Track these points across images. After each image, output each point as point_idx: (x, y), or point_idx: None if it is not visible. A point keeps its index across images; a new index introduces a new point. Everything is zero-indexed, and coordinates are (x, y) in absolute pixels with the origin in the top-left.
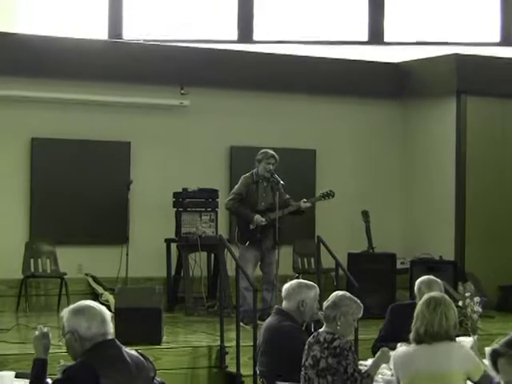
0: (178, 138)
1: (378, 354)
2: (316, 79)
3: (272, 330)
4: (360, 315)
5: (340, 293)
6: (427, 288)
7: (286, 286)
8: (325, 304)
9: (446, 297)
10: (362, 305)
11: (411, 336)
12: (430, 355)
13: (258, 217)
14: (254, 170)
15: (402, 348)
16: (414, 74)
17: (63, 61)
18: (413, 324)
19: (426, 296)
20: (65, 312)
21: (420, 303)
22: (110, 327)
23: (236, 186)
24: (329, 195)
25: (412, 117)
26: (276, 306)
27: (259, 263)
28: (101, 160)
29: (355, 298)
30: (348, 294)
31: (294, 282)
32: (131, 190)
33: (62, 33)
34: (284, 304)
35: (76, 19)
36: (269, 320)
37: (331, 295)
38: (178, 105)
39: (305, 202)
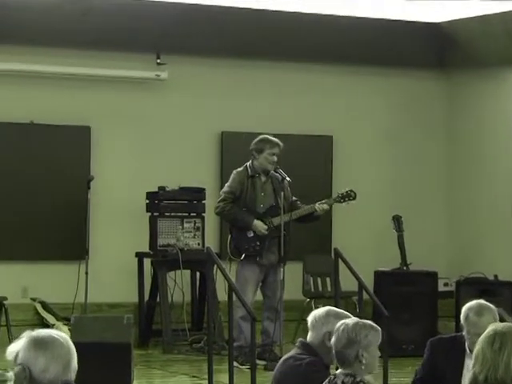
0: (154, 122)
1: None
2: (332, 44)
3: (286, 366)
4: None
5: (348, 323)
6: (477, 316)
7: (312, 313)
8: (334, 342)
9: None
10: (378, 327)
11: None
12: None
13: (258, 223)
14: (249, 163)
15: None
16: (461, 38)
17: (1, 22)
18: (471, 366)
19: (489, 329)
20: (24, 336)
21: (481, 339)
22: (74, 375)
23: (227, 184)
24: (348, 197)
25: (459, 93)
26: (300, 339)
27: (260, 284)
28: (52, 150)
29: (368, 322)
30: (355, 319)
31: (323, 309)
32: (92, 189)
33: None
34: (308, 336)
35: None
36: (286, 355)
37: (336, 328)
38: (153, 78)
39: (321, 203)
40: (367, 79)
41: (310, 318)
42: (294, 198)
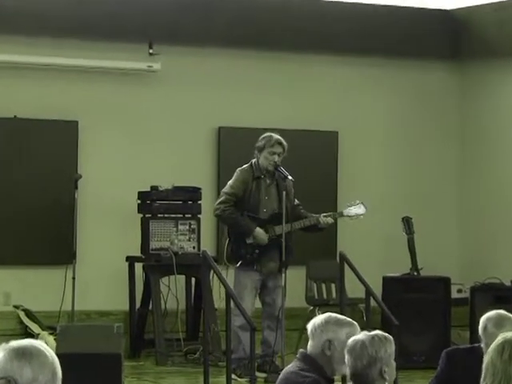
0: (146, 116)
1: None
2: (336, 33)
3: (288, 382)
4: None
5: (363, 340)
6: (496, 327)
7: (312, 321)
8: (352, 364)
9: None
10: (390, 336)
11: None
12: None
13: (260, 231)
14: (253, 161)
15: None
16: (475, 25)
17: None
18: (481, 380)
19: (499, 338)
20: (0, 350)
21: (491, 350)
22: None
23: (229, 184)
24: (357, 211)
25: (473, 85)
26: (300, 350)
27: (258, 291)
28: (36, 146)
29: (381, 334)
30: (366, 333)
31: (322, 316)
32: (79, 189)
33: None
34: (308, 346)
35: None
36: (288, 368)
37: (349, 346)
38: (146, 69)
39: (325, 217)
40: (375, 71)
41: (309, 327)
42: (296, 201)
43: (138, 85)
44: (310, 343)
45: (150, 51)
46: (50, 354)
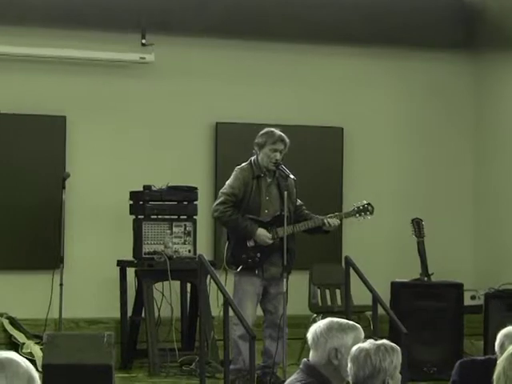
0: (138, 111)
1: None
2: (341, 22)
3: None
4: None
5: (367, 348)
6: None
7: (312, 329)
8: (355, 372)
9: None
10: (398, 347)
11: None
12: None
13: (262, 231)
14: (253, 159)
15: None
16: (491, 13)
17: None
18: None
19: (510, 347)
20: None
21: (502, 359)
22: None
23: (228, 183)
24: (365, 211)
25: (487, 76)
26: (304, 360)
27: (260, 298)
28: (21, 143)
29: (388, 343)
30: (372, 341)
31: (322, 322)
32: (67, 188)
33: None
34: (311, 356)
35: None
36: (290, 380)
37: (352, 354)
38: (138, 61)
39: (331, 217)
40: (383, 62)
41: (309, 335)
42: (299, 201)
43: (129, 77)
44: (312, 353)
45: (143, 41)
46: (26, 364)
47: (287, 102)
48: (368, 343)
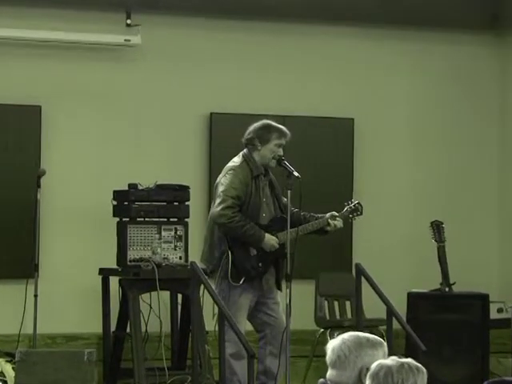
0: (123, 100)
1: None
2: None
3: None
4: None
5: (389, 365)
6: None
7: (336, 345)
8: None
9: None
10: (424, 369)
11: None
12: None
13: (269, 237)
14: (246, 155)
15: None
16: None
17: None
18: None
19: None
20: None
21: None
22: None
23: (230, 185)
24: (356, 211)
25: None
26: (321, 381)
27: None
28: None
29: (413, 363)
30: (395, 358)
31: (349, 337)
32: (43, 187)
33: None
34: (334, 376)
35: None
36: None
37: (373, 371)
38: (123, 43)
39: (334, 217)
40: (398, 45)
41: (333, 353)
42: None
43: (113, 62)
44: (336, 373)
45: (128, 22)
46: None
47: (291, 90)
48: (391, 360)
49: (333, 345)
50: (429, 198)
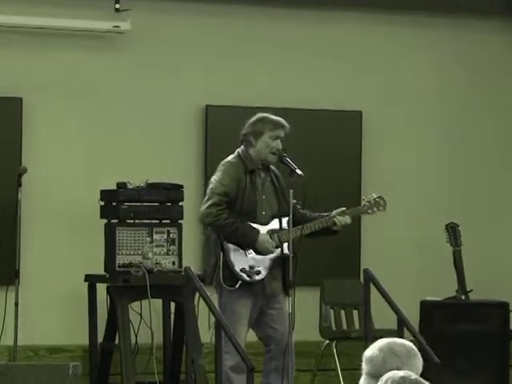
0: (111, 92)
1: None
2: None
3: None
4: None
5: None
6: None
7: (375, 354)
8: None
9: None
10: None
11: None
12: None
13: (264, 238)
14: (241, 151)
15: None
16: None
17: None
18: None
19: None
20: None
21: None
22: None
23: (217, 181)
24: (377, 206)
25: None
26: None
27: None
28: None
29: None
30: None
31: (385, 343)
32: (24, 186)
33: None
34: None
35: None
36: None
37: None
38: (111, 30)
39: (340, 215)
40: (409, 32)
41: (368, 359)
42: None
43: (100, 50)
44: None
45: (117, 6)
46: None
47: (294, 81)
48: (396, 372)
49: (368, 353)
50: (443, 198)
